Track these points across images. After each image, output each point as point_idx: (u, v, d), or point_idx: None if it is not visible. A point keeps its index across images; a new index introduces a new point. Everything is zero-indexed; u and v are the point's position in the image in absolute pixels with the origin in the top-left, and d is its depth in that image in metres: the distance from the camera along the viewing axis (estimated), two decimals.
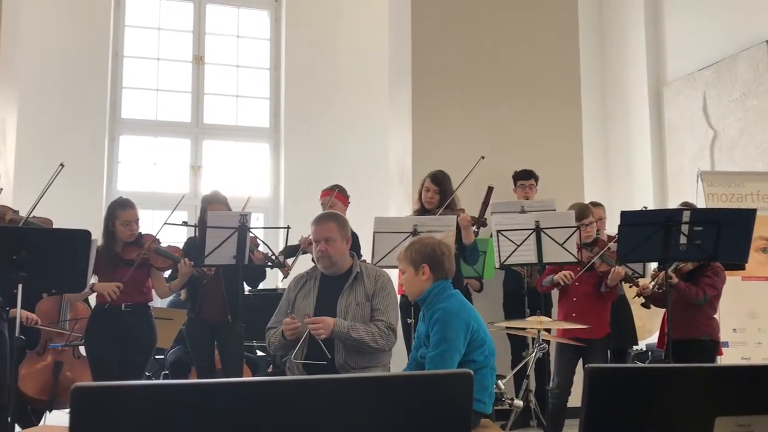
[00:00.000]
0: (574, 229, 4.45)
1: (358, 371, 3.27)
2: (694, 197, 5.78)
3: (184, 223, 4.96)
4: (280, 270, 4.67)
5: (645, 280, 4.55)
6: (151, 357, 4.64)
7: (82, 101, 7.65)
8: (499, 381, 3.26)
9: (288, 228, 4.59)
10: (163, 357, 5.58)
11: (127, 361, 4.23)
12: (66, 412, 4.88)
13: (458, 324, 3.01)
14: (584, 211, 4.69)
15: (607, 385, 1.20)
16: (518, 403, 3.44)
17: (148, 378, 5.31)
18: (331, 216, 3.59)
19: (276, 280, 6.89)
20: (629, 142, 7.97)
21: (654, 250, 3.92)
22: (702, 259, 4.13)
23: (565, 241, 4.42)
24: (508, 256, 4.57)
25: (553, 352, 4.57)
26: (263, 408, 1.07)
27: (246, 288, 4.83)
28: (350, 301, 3.39)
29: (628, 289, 4.82)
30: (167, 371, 5.48)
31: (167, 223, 4.43)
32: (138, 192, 7.43)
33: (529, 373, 4.13)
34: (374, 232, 4.61)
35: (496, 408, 3.33)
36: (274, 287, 6.73)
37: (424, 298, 3.14)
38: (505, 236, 4.54)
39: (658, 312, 4.84)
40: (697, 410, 1.23)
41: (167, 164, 8.30)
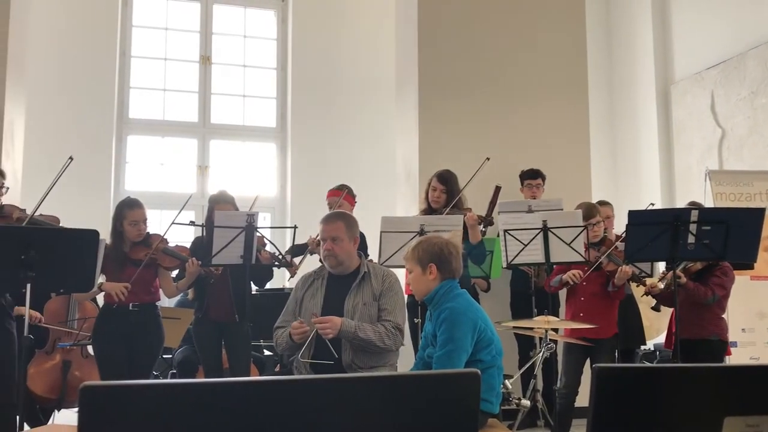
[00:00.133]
0: (582, 228, 4.44)
1: (365, 371, 3.27)
2: (702, 196, 5.76)
3: (192, 223, 4.97)
4: (287, 270, 4.69)
5: (653, 279, 4.53)
6: (159, 356, 4.66)
7: (90, 101, 7.68)
8: (507, 381, 3.25)
9: (295, 228, 4.60)
10: (171, 356, 5.60)
11: (134, 361, 4.24)
12: (74, 411, 4.89)
13: (465, 324, 3.01)
14: (591, 211, 4.68)
15: (614, 385, 1.20)
16: (525, 402, 3.43)
17: (156, 377, 5.33)
18: (339, 216, 3.59)
19: (283, 279, 6.90)
20: (637, 140, 7.94)
21: (662, 249, 3.90)
22: (710, 259, 4.12)
23: (573, 241, 4.41)
24: (516, 256, 4.56)
25: (560, 351, 4.56)
26: (270, 407, 1.07)
27: (253, 287, 4.84)
28: (357, 300, 3.38)
29: (636, 288, 4.80)
30: (175, 370, 5.50)
31: (175, 223, 4.45)
32: (145, 192, 7.44)
33: (537, 372, 4.12)
34: (381, 232, 4.61)
35: (503, 408, 3.33)
36: (281, 287, 6.74)
37: (431, 298, 3.14)
38: (512, 236, 4.54)
39: (666, 312, 4.82)
40: (705, 410, 1.22)
41: (174, 164, 8.32)
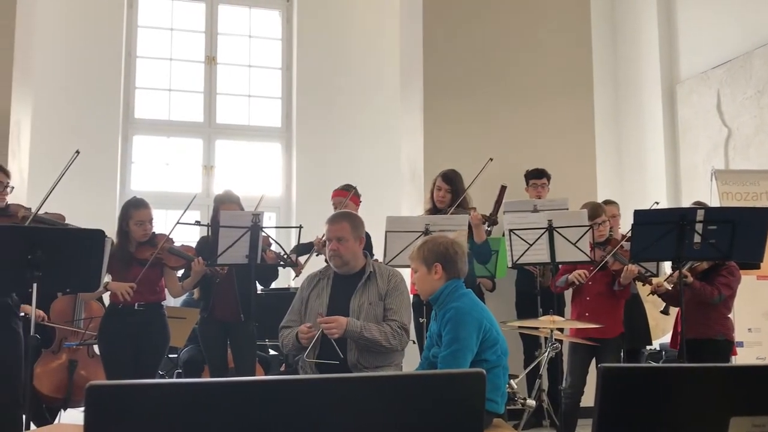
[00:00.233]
0: (587, 228, 4.43)
1: (371, 371, 3.27)
2: (708, 196, 5.74)
3: (197, 223, 4.98)
4: (293, 269, 4.69)
5: (659, 279, 4.52)
6: (165, 356, 4.66)
7: (96, 101, 7.70)
8: (512, 380, 3.25)
9: (300, 227, 4.60)
10: (177, 356, 5.61)
11: (140, 360, 4.25)
12: (81, 411, 4.91)
13: (471, 323, 3.01)
14: (597, 210, 4.67)
15: (620, 385, 1.20)
16: (531, 402, 3.43)
17: (162, 377, 5.34)
18: (345, 216, 3.58)
19: (288, 279, 6.90)
20: (642, 139, 7.92)
21: (667, 248, 3.89)
22: (716, 259, 4.10)
23: (578, 240, 4.40)
24: (521, 256, 4.55)
25: (566, 351, 4.55)
26: (276, 407, 1.07)
27: (258, 287, 4.84)
28: (363, 300, 3.38)
29: (642, 287, 4.79)
30: (180, 370, 5.51)
31: (180, 223, 4.45)
32: (151, 192, 7.46)
33: (542, 372, 4.12)
34: (386, 232, 4.61)
35: (508, 408, 3.33)
36: (286, 286, 6.74)
37: (436, 298, 3.14)
38: (517, 235, 4.53)
39: (673, 312, 4.81)
40: (711, 410, 1.22)
41: (180, 164, 8.33)
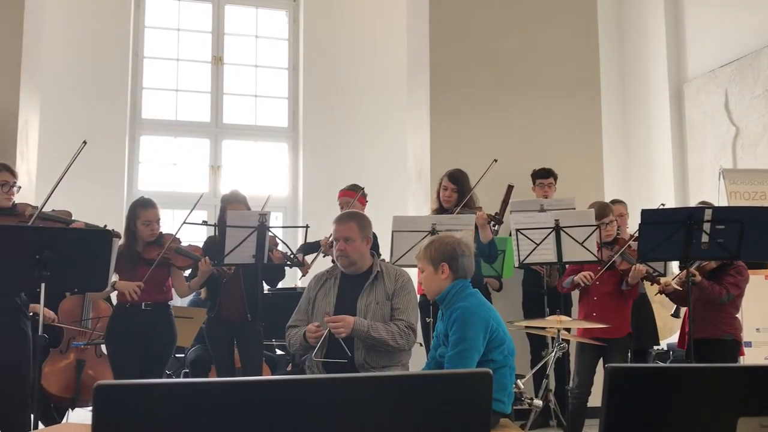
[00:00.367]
0: (594, 227, 4.42)
1: (378, 370, 3.27)
2: (715, 195, 5.72)
3: (204, 223, 4.99)
4: (299, 269, 4.69)
5: (666, 278, 4.50)
6: (172, 355, 4.67)
7: (103, 102, 7.74)
8: (519, 380, 3.24)
9: (307, 227, 4.60)
10: (184, 355, 5.63)
11: (147, 360, 4.26)
12: (88, 410, 4.93)
13: (477, 323, 3.00)
14: (604, 210, 4.65)
15: (627, 385, 1.20)
16: (538, 402, 3.42)
17: (169, 376, 5.35)
18: (353, 216, 3.58)
19: (295, 279, 6.92)
20: (649, 139, 7.90)
21: (675, 248, 3.88)
22: (724, 258, 4.08)
23: (585, 240, 4.39)
24: (528, 255, 4.54)
25: (573, 351, 4.54)
26: (282, 406, 1.08)
27: (265, 287, 4.85)
28: (370, 300, 3.39)
29: (650, 287, 4.77)
30: (187, 370, 5.53)
31: (187, 223, 4.46)
32: (158, 192, 7.48)
33: (549, 372, 4.11)
34: (393, 231, 4.61)
35: (515, 408, 3.32)
36: (293, 286, 6.76)
37: (443, 297, 3.13)
38: (524, 235, 4.52)
39: (682, 313, 4.79)
40: (719, 411, 1.22)
41: (187, 164, 8.36)
